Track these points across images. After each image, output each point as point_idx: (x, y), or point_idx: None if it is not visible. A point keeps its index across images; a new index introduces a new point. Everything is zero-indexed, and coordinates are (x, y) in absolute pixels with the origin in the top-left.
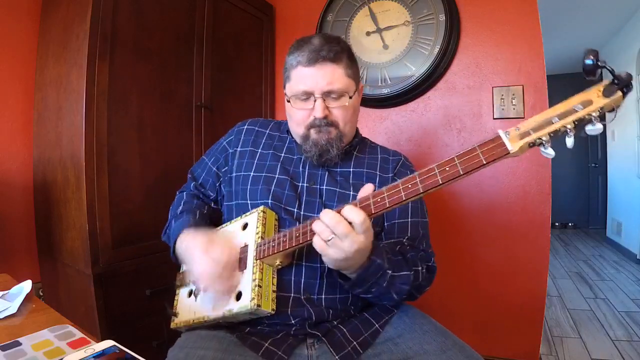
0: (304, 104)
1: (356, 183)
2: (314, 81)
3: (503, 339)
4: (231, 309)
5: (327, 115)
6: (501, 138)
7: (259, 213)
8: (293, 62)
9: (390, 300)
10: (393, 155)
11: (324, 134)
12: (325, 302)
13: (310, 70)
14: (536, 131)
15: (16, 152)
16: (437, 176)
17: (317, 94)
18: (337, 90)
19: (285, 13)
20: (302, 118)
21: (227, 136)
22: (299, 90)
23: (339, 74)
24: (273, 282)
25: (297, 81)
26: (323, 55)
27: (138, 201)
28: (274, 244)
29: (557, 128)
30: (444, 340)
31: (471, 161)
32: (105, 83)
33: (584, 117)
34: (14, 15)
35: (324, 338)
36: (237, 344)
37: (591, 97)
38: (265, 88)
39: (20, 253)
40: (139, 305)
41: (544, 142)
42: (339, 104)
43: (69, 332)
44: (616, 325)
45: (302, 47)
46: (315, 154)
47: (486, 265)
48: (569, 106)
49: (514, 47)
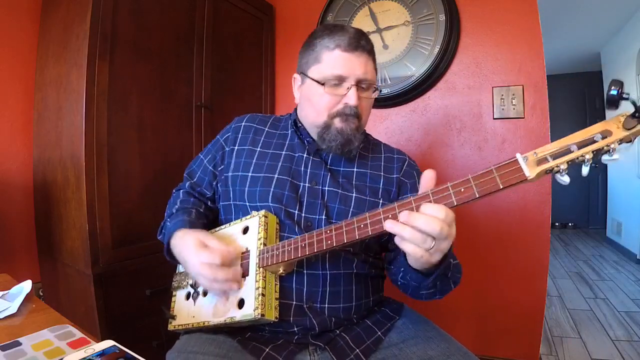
0: (333, 89)
1: (359, 184)
2: (352, 67)
3: (503, 339)
4: (233, 317)
5: (358, 105)
6: (519, 163)
7: (261, 218)
8: (329, 44)
9: (445, 293)
10: (397, 154)
11: (350, 122)
12: (328, 311)
13: (350, 55)
14: (555, 158)
15: (16, 152)
16: (452, 197)
17: (353, 81)
18: (370, 80)
19: (285, 13)
20: (328, 104)
21: (224, 132)
22: (333, 74)
23: (371, 66)
24: (276, 289)
25: (333, 64)
26: (363, 44)
27: (138, 201)
28: (278, 253)
29: (575, 157)
30: (448, 346)
31: (487, 184)
32: (105, 83)
33: (602, 147)
34: (14, 15)
35: (327, 346)
36: (237, 349)
37: (611, 128)
38: (265, 88)
39: (20, 253)
40: (139, 305)
41: (562, 170)
42: (367, 95)
43: (69, 332)
44: (616, 325)
45: (340, 32)
46: (338, 144)
47: (486, 265)
48: (589, 135)
49: (514, 47)
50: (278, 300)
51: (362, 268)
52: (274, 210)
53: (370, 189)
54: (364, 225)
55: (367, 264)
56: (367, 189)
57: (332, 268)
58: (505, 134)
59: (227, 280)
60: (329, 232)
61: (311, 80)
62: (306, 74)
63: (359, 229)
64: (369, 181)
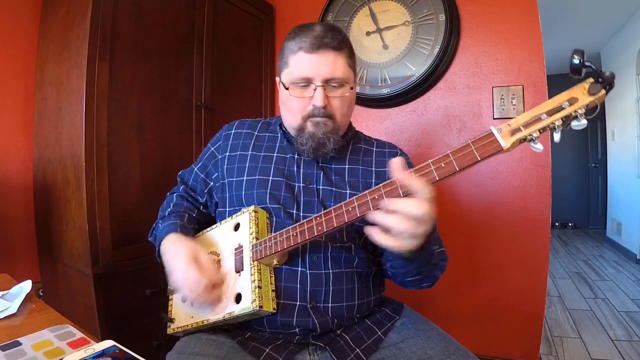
0: (302, 91)
1: (352, 180)
2: (316, 68)
3: (503, 338)
4: (232, 312)
5: (327, 105)
6: (494, 135)
7: (251, 213)
8: (293, 47)
9: (432, 280)
10: (389, 147)
11: (321, 126)
12: (332, 311)
13: (313, 56)
14: (526, 127)
15: (16, 152)
16: (434, 173)
17: (318, 82)
18: (339, 79)
19: (285, 13)
20: (298, 107)
21: (214, 141)
22: (298, 77)
23: (341, 62)
24: (271, 281)
25: (297, 67)
26: (327, 42)
27: (138, 201)
28: (271, 244)
29: (546, 124)
30: (447, 345)
31: (466, 158)
32: (105, 83)
33: (570, 114)
34: (14, 15)
35: (327, 346)
36: (237, 350)
37: (577, 95)
38: (265, 88)
39: (20, 253)
40: (139, 305)
41: (534, 138)
42: (339, 94)
43: (69, 332)
44: (616, 325)
45: (303, 33)
46: (310, 148)
47: (486, 265)
48: (557, 103)
49: (514, 47)
50: (274, 292)
51: (362, 266)
52: (273, 211)
53: (364, 184)
54: (352, 208)
55: (367, 262)
56: (361, 184)
57: (334, 267)
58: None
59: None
60: (319, 219)
61: (282, 83)
62: (280, 79)
63: (347, 212)
64: (361, 176)
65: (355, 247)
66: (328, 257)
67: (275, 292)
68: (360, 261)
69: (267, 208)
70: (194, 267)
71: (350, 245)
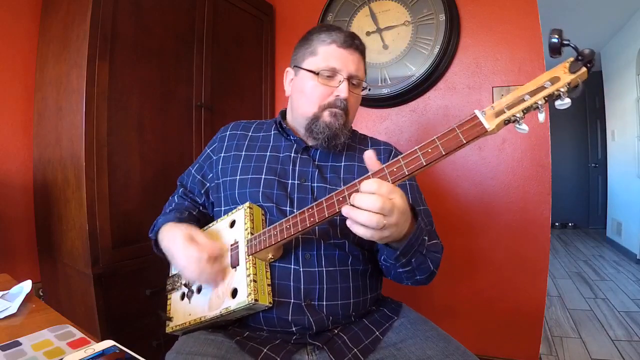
0: (326, 81)
1: (347, 177)
2: (345, 62)
3: (503, 339)
4: (228, 307)
5: (348, 99)
6: (478, 117)
7: (246, 209)
8: (326, 39)
9: (425, 272)
10: (384, 145)
11: (338, 118)
12: (327, 309)
13: (344, 51)
14: (510, 108)
15: (16, 152)
16: (421, 158)
17: (345, 75)
18: (361, 77)
19: (285, 13)
20: (320, 95)
21: (211, 143)
22: (327, 66)
23: (362, 66)
24: (267, 275)
25: (328, 57)
26: (357, 44)
27: (138, 201)
28: (265, 238)
29: (529, 105)
30: (446, 345)
31: (452, 141)
32: (105, 83)
33: (553, 93)
34: (14, 15)
35: (325, 346)
36: (236, 350)
37: (558, 74)
38: (265, 88)
39: (20, 253)
40: (138, 305)
41: (518, 118)
42: (357, 92)
43: (69, 332)
44: (616, 325)
45: (335, 30)
46: (325, 137)
47: (486, 265)
48: (539, 83)
49: (514, 47)
50: (270, 287)
51: (357, 264)
52: (266, 209)
53: None
54: (342, 198)
55: (362, 260)
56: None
57: (328, 265)
58: (505, 134)
59: (212, 274)
60: (311, 210)
61: (305, 71)
62: (300, 67)
63: (338, 202)
64: (357, 174)
65: (350, 243)
66: (321, 255)
67: (270, 288)
68: (355, 259)
69: (260, 206)
70: (192, 245)
71: (344, 242)
